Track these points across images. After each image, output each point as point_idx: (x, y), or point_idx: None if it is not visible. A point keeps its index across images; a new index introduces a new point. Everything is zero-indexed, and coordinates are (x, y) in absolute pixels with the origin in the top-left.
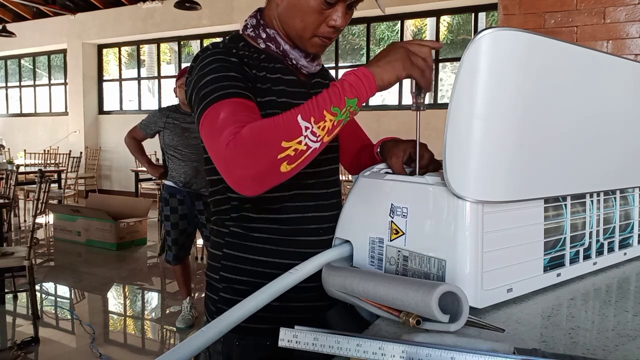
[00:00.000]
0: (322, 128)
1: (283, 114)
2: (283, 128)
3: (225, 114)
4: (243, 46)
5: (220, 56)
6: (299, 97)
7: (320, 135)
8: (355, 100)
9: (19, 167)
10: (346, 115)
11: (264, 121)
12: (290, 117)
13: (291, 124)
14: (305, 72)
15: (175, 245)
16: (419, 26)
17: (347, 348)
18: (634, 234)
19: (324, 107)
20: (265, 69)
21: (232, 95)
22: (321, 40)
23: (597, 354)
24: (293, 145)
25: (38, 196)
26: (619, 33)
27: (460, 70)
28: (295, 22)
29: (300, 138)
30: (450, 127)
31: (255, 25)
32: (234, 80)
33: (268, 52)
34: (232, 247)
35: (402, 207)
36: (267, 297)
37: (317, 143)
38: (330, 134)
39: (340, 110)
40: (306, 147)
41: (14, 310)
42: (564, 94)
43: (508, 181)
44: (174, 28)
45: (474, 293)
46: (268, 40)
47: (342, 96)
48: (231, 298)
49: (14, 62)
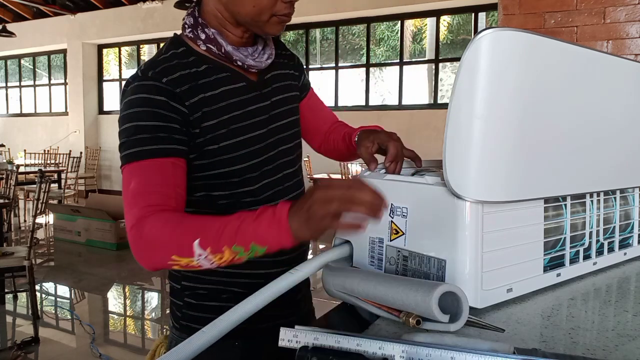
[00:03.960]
0: (218, 258)
1: (186, 225)
2: (177, 245)
3: (135, 184)
4: (183, 53)
5: (143, 95)
6: (252, 103)
7: (214, 262)
8: (265, 248)
9: (19, 167)
10: (250, 255)
11: (166, 224)
12: (188, 238)
13: (186, 245)
14: (255, 70)
15: None
16: (419, 26)
17: (347, 348)
18: (634, 234)
19: (225, 243)
20: (205, 86)
21: (147, 155)
22: (279, 18)
23: (597, 354)
24: (184, 260)
25: (38, 196)
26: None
27: (460, 70)
28: (247, 8)
29: (192, 259)
30: (450, 127)
31: (193, 24)
32: (154, 131)
33: (208, 59)
34: None
35: (402, 207)
36: (267, 297)
37: (212, 265)
38: (230, 263)
39: (242, 250)
40: (199, 266)
41: (14, 310)
42: (564, 94)
43: (508, 181)
44: (174, 28)
45: (474, 293)
46: (208, 42)
47: (248, 241)
48: (196, 303)
49: (14, 62)
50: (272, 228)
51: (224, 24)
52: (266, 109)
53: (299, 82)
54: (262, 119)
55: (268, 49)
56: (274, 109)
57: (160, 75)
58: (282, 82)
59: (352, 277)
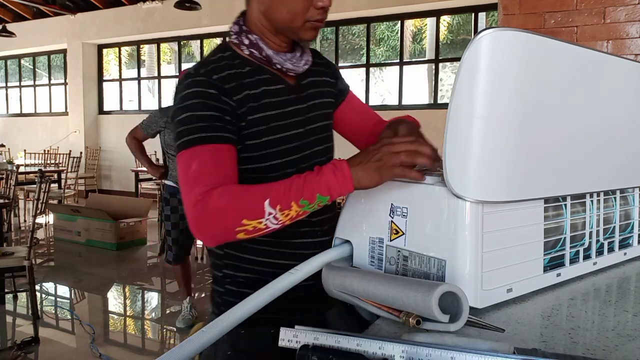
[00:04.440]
0: (285, 215)
1: (253, 190)
2: (248, 208)
3: (196, 166)
4: (229, 56)
5: (198, 88)
6: (290, 104)
7: (282, 220)
8: (327, 197)
9: (19, 167)
10: (316, 206)
11: (233, 192)
12: (258, 199)
13: (256, 206)
14: (293, 74)
15: (176, 245)
16: (419, 26)
17: (347, 348)
18: (634, 234)
19: (293, 199)
20: (249, 85)
21: (206, 141)
22: (312, 24)
23: (597, 354)
24: (253, 224)
25: (38, 196)
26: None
27: (460, 70)
28: (282, 15)
29: (262, 219)
30: (450, 127)
31: (238, 31)
32: (210, 120)
33: (252, 62)
34: (232, 248)
35: (402, 207)
36: (267, 297)
37: (277, 225)
38: (292, 220)
39: (308, 204)
40: (265, 227)
41: (14, 310)
42: (564, 94)
43: (508, 181)
44: (174, 28)
45: (474, 293)
46: (251, 47)
47: (314, 192)
48: (236, 290)
49: (14, 62)
50: (336, 178)
51: (264, 32)
52: (303, 111)
53: (335, 88)
54: (299, 120)
55: (305, 56)
56: (310, 112)
57: (210, 73)
58: (317, 88)
59: (352, 277)
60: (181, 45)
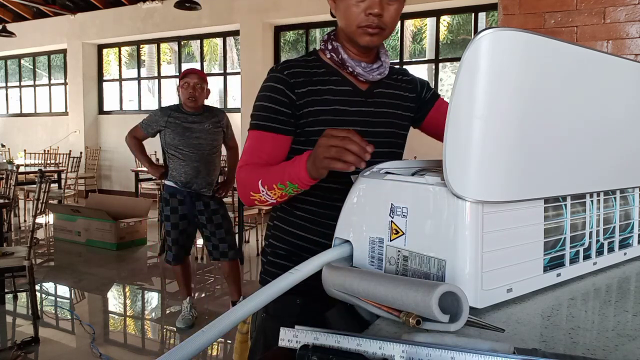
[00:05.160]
0: (273, 193)
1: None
2: (250, 185)
3: (249, 145)
4: (312, 59)
5: (269, 83)
6: (353, 105)
7: (273, 197)
8: (296, 185)
9: (19, 167)
10: (291, 190)
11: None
12: (255, 180)
13: (254, 185)
14: (364, 79)
15: (176, 246)
16: (419, 26)
17: (347, 348)
18: (634, 234)
19: (273, 182)
20: (316, 82)
21: (259, 128)
22: (363, 29)
23: (597, 354)
24: (257, 196)
25: (38, 196)
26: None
27: (460, 70)
28: (342, 23)
29: (260, 194)
30: (450, 127)
31: (327, 39)
32: (269, 112)
33: (329, 65)
34: (280, 221)
35: (402, 207)
36: (267, 297)
37: (273, 199)
38: (282, 198)
39: (285, 187)
40: (267, 199)
41: (14, 310)
42: (564, 94)
43: (508, 181)
44: (174, 28)
45: (474, 293)
46: (332, 51)
47: (286, 178)
48: (275, 261)
49: (14, 62)
50: (298, 168)
51: (345, 42)
52: (367, 114)
53: (414, 103)
54: (360, 120)
55: (382, 69)
56: (376, 117)
57: (283, 69)
58: (390, 100)
59: (352, 277)
60: (181, 45)
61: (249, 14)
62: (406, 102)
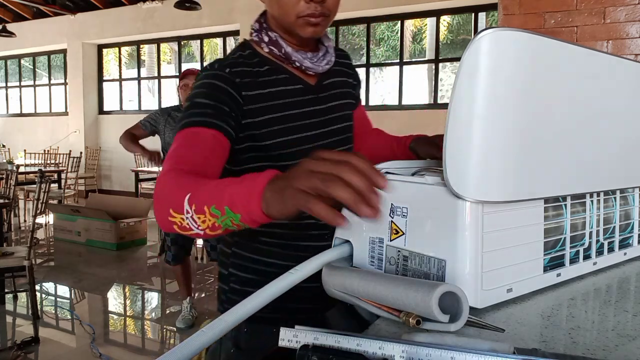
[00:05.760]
0: (202, 220)
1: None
2: (171, 200)
3: (175, 147)
4: (249, 55)
5: (208, 80)
6: (307, 105)
7: (200, 226)
8: (238, 216)
9: (19, 167)
10: (228, 222)
11: (175, 178)
12: (180, 194)
13: (178, 200)
14: (313, 73)
15: (175, 246)
16: (419, 26)
17: (347, 348)
18: (634, 234)
19: (205, 203)
20: (264, 84)
21: (193, 124)
22: (304, 19)
23: (597, 354)
24: (178, 219)
25: (38, 196)
26: (619, 33)
27: (460, 70)
28: (275, 10)
29: (183, 216)
30: (450, 127)
31: (258, 29)
32: (206, 108)
33: (271, 61)
34: (240, 247)
35: (402, 207)
36: (267, 297)
37: (199, 230)
38: (213, 231)
39: (220, 215)
40: (189, 227)
41: (14, 310)
42: (564, 94)
43: (508, 181)
44: (174, 28)
45: (474, 293)
46: (270, 44)
47: (225, 202)
48: (240, 289)
49: (14, 62)
50: (249, 191)
51: (279, 31)
52: (322, 112)
53: (356, 91)
54: (316, 121)
55: (328, 56)
56: (330, 114)
57: (224, 67)
58: (340, 89)
59: (352, 277)
60: (181, 45)
61: (249, 14)
62: (351, 90)
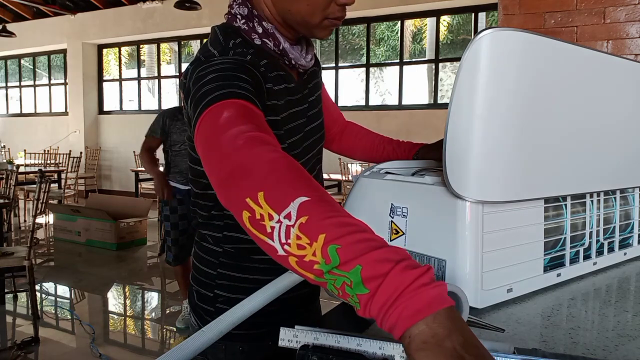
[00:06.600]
0: (297, 245)
1: (303, 173)
2: (276, 184)
3: (229, 114)
4: (241, 43)
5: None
6: (296, 105)
7: (286, 246)
8: (365, 291)
9: (19, 167)
10: (332, 279)
11: (285, 158)
12: (291, 188)
13: (282, 193)
14: (302, 70)
15: (175, 246)
16: (419, 26)
17: (347, 348)
18: (634, 234)
19: (325, 231)
20: (271, 80)
21: (238, 97)
22: (331, 22)
23: (597, 354)
24: (262, 211)
25: (38, 196)
26: (619, 33)
27: (460, 70)
28: (300, 6)
29: (275, 214)
30: (450, 127)
31: (248, 16)
32: (242, 82)
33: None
34: (227, 268)
35: (402, 207)
36: (267, 297)
37: (279, 247)
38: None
39: (336, 266)
40: (266, 231)
41: (14, 310)
42: (564, 94)
43: (508, 181)
44: (174, 28)
45: (474, 293)
46: (265, 37)
47: (357, 257)
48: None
49: (14, 62)
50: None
51: (274, 22)
52: (307, 109)
53: (319, 77)
54: (304, 120)
55: (310, 50)
56: (311, 109)
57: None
58: (313, 82)
59: None
60: (181, 45)
61: None
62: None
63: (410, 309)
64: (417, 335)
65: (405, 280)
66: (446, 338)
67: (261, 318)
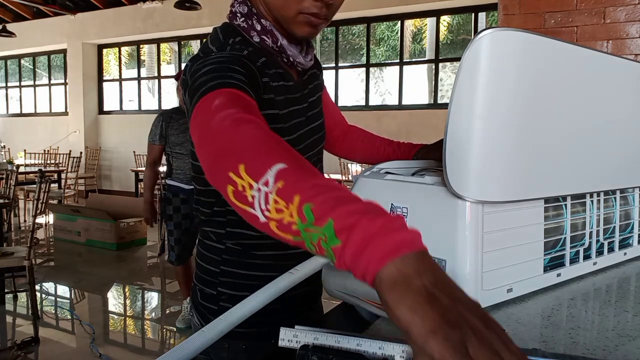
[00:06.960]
0: (277, 209)
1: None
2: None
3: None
4: (240, 41)
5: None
6: (295, 103)
7: (267, 212)
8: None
9: (19, 167)
10: (308, 237)
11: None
12: (268, 157)
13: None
14: (301, 69)
15: (178, 246)
16: (419, 26)
17: (347, 348)
18: (634, 234)
19: (299, 192)
20: (269, 77)
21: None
22: (306, 17)
23: (597, 354)
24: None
25: (38, 196)
26: (619, 33)
27: (460, 70)
28: (275, 1)
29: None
30: (450, 127)
31: (247, 14)
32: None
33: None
34: (230, 265)
35: (402, 207)
36: (268, 297)
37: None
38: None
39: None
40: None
41: (14, 310)
42: (564, 94)
43: (508, 181)
44: (174, 28)
45: (474, 293)
46: (263, 34)
47: (328, 212)
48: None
49: (14, 62)
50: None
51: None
52: (304, 110)
53: (320, 79)
54: (300, 121)
55: (310, 50)
56: (310, 111)
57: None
58: (314, 83)
59: (353, 277)
60: (181, 45)
61: None
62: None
63: (378, 253)
64: (386, 277)
65: (374, 227)
66: (415, 277)
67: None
